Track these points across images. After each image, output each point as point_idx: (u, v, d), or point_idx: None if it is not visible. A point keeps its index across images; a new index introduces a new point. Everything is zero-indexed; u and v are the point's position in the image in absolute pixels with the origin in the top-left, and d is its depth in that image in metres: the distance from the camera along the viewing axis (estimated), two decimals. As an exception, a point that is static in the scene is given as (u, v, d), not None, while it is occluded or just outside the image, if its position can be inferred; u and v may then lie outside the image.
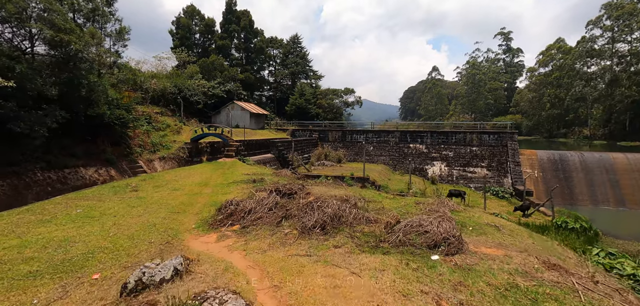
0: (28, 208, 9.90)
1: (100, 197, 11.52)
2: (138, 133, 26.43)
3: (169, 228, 7.93)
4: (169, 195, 11.93)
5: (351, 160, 46.18)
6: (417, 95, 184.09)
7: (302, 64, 60.10)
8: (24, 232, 7.56)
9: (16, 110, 14.32)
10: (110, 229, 7.88)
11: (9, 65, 13.39)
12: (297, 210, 7.38)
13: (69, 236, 7.30)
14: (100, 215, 9.15)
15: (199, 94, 40.71)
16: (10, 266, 5.70)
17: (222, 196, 11.85)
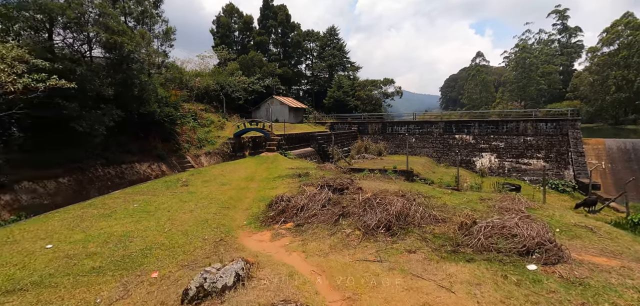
0: (90, 203, 10.34)
1: (154, 191, 11.80)
2: (185, 130, 27.47)
3: (221, 225, 7.72)
4: (217, 190, 11.92)
5: (392, 153, 44.61)
6: (460, 84, 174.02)
7: (340, 55, 59.08)
8: (88, 226, 7.76)
9: (78, 110, 15.24)
10: (165, 224, 7.84)
11: (71, 68, 14.26)
12: (355, 207, 6.78)
13: (127, 231, 7.34)
14: (155, 209, 9.25)
15: (239, 90, 41.57)
16: (75, 261, 5.73)
17: (269, 191, 11.60)
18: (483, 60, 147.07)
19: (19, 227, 7.86)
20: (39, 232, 7.41)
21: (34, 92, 12.38)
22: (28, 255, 6.11)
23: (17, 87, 11.13)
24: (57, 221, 8.32)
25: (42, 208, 14.40)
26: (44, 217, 8.84)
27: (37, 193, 14.80)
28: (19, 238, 7.05)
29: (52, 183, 15.69)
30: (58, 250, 6.32)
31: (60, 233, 7.31)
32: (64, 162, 16.75)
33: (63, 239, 6.92)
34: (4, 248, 6.45)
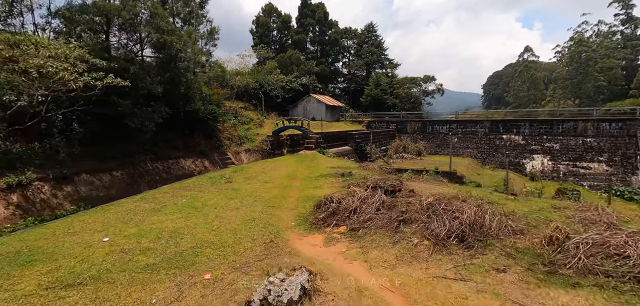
0: (142, 197, 10.60)
1: (200, 187, 11.90)
2: (226, 127, 28.12)
3: (268, 224, 7.41)
4: (260, 187, 11.75)
5: (432, 153, 42.64)
6: (504, 81, 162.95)
7: (378, 53, 57.71)
8: (141, 221, 7.83)
9: (131, 107, 15.96)
10: (213, 222, 7.70)
11: (125, 67, 14.97)
12: (417, 213, 6.10)
13: (177, 227, 7.28)
14: (202, 205, 9.21)
15: (277, 88, 41.98)
16: (130, 256, 5.67)
17: (313, 190, 11.21)
18: (532, 55, 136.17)
19: (78, 219, 8.14)
20: (96, 225, 7.58)
21: (92, 89, 13.07)
22: (87, 247, 6.19)
23: (79, 85, 11.79)
24: (113, 214, 8.53)
25: (98, 199, 15.26)
26: (101, 209, 9.14)
27: (94, 185, 15.71)
28: (79, 230, 7.24)
29: (107, 176, 16.61)
30: (114, 243, 6.35)
31: (115, 227, 7.42)
32: (118, 156, 17.70)
33: (118, 233, 6.99)
34: (66, 239, 6.62)
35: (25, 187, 12.96)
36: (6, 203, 12.11)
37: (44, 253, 5.90)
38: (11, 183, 12.47)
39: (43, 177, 13.85)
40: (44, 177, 13.90)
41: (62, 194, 14.15)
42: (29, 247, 6.18)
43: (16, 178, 12.68)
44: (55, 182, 14.15)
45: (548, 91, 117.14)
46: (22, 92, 12.61)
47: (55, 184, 14.12)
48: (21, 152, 13.71)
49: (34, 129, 14.49)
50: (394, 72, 58.06)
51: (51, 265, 5.40)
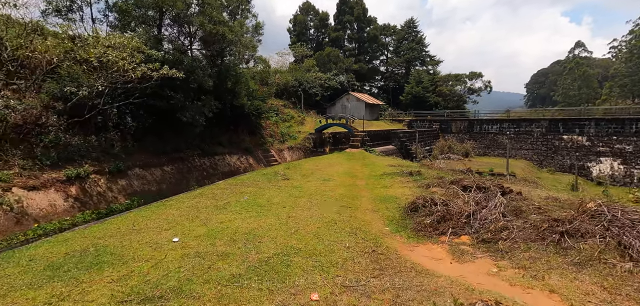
0: (200, 193, 9.87)
1: (257, 183, 11.02)
2: (268, 124, 27.56)
3: (356, 229, 6.22)
4: (322, 185, 10.64)
5: (480, 154, 39.63)
6: (551, 79, 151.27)
7: (418, 49, 55.09)
8: (207, 219, 6.97)
9: (183, 101, 15.58)
10: (288, 223, 6.65)
11: (178, 59, 14.57)
12: (582, 223, 4.58)
13: (251, 228, 6.30)
14: (268, 203, 8.24)
15: (316, 86, 41.11)
16: (209, 263, 4.71)
17: (383, 189, 9.91)
18: (584, 50, 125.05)
19: (141, 214, 7.45)
20: (160, 222, 6.81)
21: (148, 81, 12.70)
22: (157, 248, 5.34)
23: (137, 74, 11.40)
24: (174, 210, 7.77)
25: (150, 194, 15.00)
26: (161, 205, 8.45)
27: (146, 180, 15.50)
28: (142, 227, 6.48)
29: (158, 171, 16.38)
30: (185, 245, 5.45)
31: (181, 225, 6.59)
32: (168, 152, 17.49)
33: (187, 232, 6.12)
34: (132, 238, 5.84)
35: (83, 180, 12.85)
36: (65, 196, 11.99)
37: (112, 253, 5.11)
38: (70, 175, 12.37)
39: (99, 170, 13.74)
40: (100, 170, 13.78)
41: (116, 188, 13.97)
42: (95, 246, 5.44)
43: (75, 171, 12.58)
44: (110, 176, 14.01)
45: (603, 89, 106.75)
46: (81, 84, 12.50)
47: (110, 177, 13.98)
48: (79, 145, 13.69)
49: (90, 122, 14.48)
50: (435, 69, 55.16)
51: (122, 269, 4.55)
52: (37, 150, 12.33)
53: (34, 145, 12.40)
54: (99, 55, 10.60)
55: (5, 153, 11.41)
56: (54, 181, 11.95)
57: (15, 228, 10.04)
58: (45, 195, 11.43)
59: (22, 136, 12.13)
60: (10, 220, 10.08)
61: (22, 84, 13.01)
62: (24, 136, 12.20)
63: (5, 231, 9.80)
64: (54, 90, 12.65)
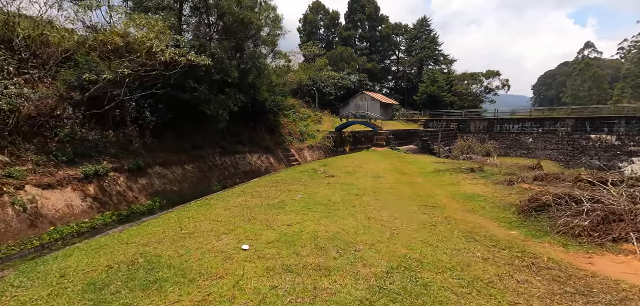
0: (242, 191, 8.57)
1: (300, 181, 9.72)
2: (287, 123, 26.29)
3: (470, 233, 4.90)
4: (376, 183, 9.31)
5: (502, 155, 38.03)
6: (559, 80, 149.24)
7: (432, 48, 53.70)
8: (269, 221, 5.65)
9: (207, 93, 14.32)
10: (373, 225, 5.35)
11: (204, 46, 13.32)
12: None
13: (332, 232, 4.99)
14: (329, 202, 6.93)
15: (330, 86, 39.88)
16: (312, 282, 3.38)
17: (453, 187, 8.62)
18: (594, 51, 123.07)
19: (183, 215, 6.17)
20: (212, 224, 5.51)
21: (174, 68, 11.46)
22: (226, 259, 4.03)
23: (165, 57, 10.15)
24: (221, 210, 6.48)
25: (173, 194, 13.72)
26: (203, 204, 7.15)
27: (167, 179, 14.23)
28: (194, 231, 5.18)
29: (179, 170, 15.11)
30: (262, 254, 4.14)
31: (241, 228, 5.28)
32: (188, 149, 16.23)
33: (253, 237, 4.81)
34: (187, 244, 4.54)
35: (101, 178, 11.60)
36: (83, 195, 10.72)
37: (170, 267, 3.80)
38: (88, 173, 11.11)
39: (118, 167, 12.48)
40: (120, 168, 12.53)
41: (137, 187, 12.71)
42: (144, 256, 4.13)
43: (93, 168, 11.33)
44: (130, 174, 12.75)
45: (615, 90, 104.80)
46: (100, 72, 11.26)
47: (130, 176, 12.72)
48: (97, 140, 12.44)
49: (108, 116, 13.25)
50: (450, 68, 53.74)
51: (192, 291, 3.24)
52: (52, 145, 11.09)
53: (49, 140, 11.16)
54: (124, 34, 9.35)
55: (17, 147, 10.17)
56: (71, 179, 10.69)
57: (30, 232, 8.77)
58: (61, 194, 10.17)
59: (36, 129, 10.89)
60: (24, 223, 8.82)
61: (36, 73, 11.82)
62: (38, 129, 10.97)
63: (19, 235, 8.54)
64: (71, 78, 11.43)
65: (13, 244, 8.27)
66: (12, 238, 8.38)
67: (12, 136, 10.16)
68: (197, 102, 14.17)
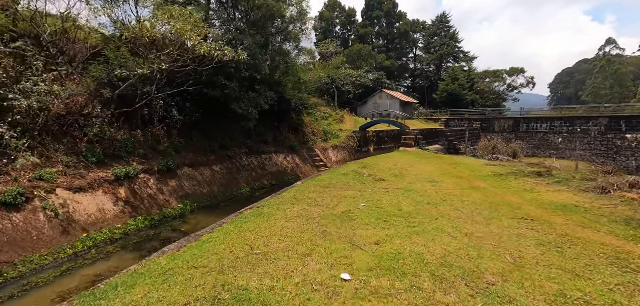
0: (294, 196, 7.72)
1: (349, 186, 8.86)
2: (309, 122, 25.43)
3: (615, 258, 3.91)
4: (437, 189, 8.36)
5: (529, 155, 36.53)
6: (577, 78, 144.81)
7: (451, 45, 52.13)
8: (349, 237, 4.80)
9: (237, 91, 13.56)
10: (479, 245, 4.43)
11: (237, 38, 12.54)
12: None
13: (439, 254, 4.10)
14: (403, 213, 6.04)
15: (348, 84, 38.91)
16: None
17: (530, 194, 7.63)
18: (615, 48, 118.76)
19: (243, 229, 5.36)
20: (285, 242, 4.67)
21: (208, 63, 10.70)
22: (331, 294, 3.19)
23: (203, 51, 9.40)
24: (283, 221, 5.65)
25: (203, 197, 13.03)
26: (257, 214, 6.32)
27: (196, 181, 13.53)
28: (266, 250, 4.35)
29: (207, 171, 14.41)
30: (372, 289, 3.30)
31: (319, 246, 4.43)
32: (216, 149, 15.53)
33: (341, 259, 3.96)
34: (273, 271, 3.70)
35: (132, 180, 10.93)
36: (115, 199, 10.06)
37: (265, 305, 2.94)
38: (119, 175, 10.45)
39: (148, 169, 11.81)
40: (149, 169, 11.86)
41: (167, 189, 12.02)
42: (228, 289, 3.30)
43: (124, 170, 10.67)
44: (160, 175, 12.07)
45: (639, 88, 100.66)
46: (130, 69, 10.59)
47: (160, 178, 12.04)
48: (126, 140, 11.79)
49: (137, 115, 12.62)
50: (470, 65, 52.10)
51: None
52: (82, 145, 10.46)
53: (78, 140, 10.54)
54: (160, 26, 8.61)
55: (47, 148, 9.56)
56: (102, 181, 10.04)
57: (62, 239, 8.11)
58: (93, 198, 9.51)
59: (65, 128, 10.28)
60: (56, 229, 8.17)
61: (64, 70, 11.23)
62: (67, 129, 10.36)
63: (51, 242, 7.88)
64: (101, 75, 10.79)
65: (46, 253, 7.62)
66: (45, 247, 7.73)
67: (42, 136, 9.55)
68: (227, 100, 13.42)
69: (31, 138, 9.09)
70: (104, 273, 7.16)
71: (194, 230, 10.15)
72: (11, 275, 6.75)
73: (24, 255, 7.32)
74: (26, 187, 8.18)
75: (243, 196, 14.64)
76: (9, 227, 7.46)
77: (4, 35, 10.44)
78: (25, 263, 7.18)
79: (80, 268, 7.45)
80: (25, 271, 7.01)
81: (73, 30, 12.41)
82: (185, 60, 10.57)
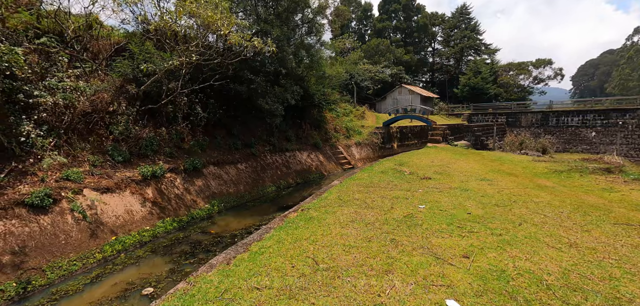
0: (338, 197, 7.00)
1: (393, 185, 8.06)
2: (331, 118, 24.68)
3: None
4: (496, 188, 7.49)
5: (560, 150, 34.76)
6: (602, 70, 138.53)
7: (472, 37, 50.24)
8: (427, 247, 4.03)
9: (263, 85, 12.92)
10: (599, 261, 3.53)
11: (265, 29, 11.87)
12: None
13: (559, 273, 3.32)
14: (475, 217, 5.22)
15: (367, 79, 37.92)
16: None
17: (608, 193, 6.60)
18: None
19: (294, 236, 4.67)
20: (351, 254, 3.95)
21: (236, 55, 10.07)
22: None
23: (234, 41, 8.76)
24: (339, 227, 4.92)
25: (229, 197, 12.48)
26: (306, 217, 5.62)
27: (222, 180, 13.00)
28: (333, 264, 3.63)
29: (232, 170, 13.86)
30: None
31: (396, 259, 3.70)
32: (240, 147, 14.99)
33: (432, 278, 3.22)
34: (359, 297, 2.95)
35: (159, 179, 10.46)
36: (142, 199, 9.58)
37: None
38: (146, 174, 9.98)
39: (174, 168, 11.33)
40: (175, 168, 11.37)
41: (194, 189, 11.51)
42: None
43: (150, 169, 10.19)
44: (186, 175, 11.58)
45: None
46: (158, 63, 10.09)
47: (186, 177, 11.54)
48: (151, 138, 11.32)
49: (161, 112, 12.16)
50: (493, 58, 50.08)
51: None
52: (107, 144, 10.03)
53: (104, 138, 10.12)
54: (192, 12, 8.00)
55: (73, 146, 9.16)
56: (129, 181, 9.58)
57: (91, 243, 7.65)
58: (120, 198, 9.05)
59: (91, 126, 9.87)
60: (84, 232, 7.71)
61: (88, 66, 10.84)
62: (93, 126, 9.95)
63: (79, 246, 7.42)
64: (126, 70, 10.33)
65: (74, 257, 7.15)
66: (73, 251, 7.27)
67: (68, 134, 9.15)
68: (252, 95, 12.80)
69: (57, 136, 8.68)
70: (135, 280, 6.64)
71: (223, 232, 9.60)
72: (40, 282, 6.30)
73: (52, 260, 6.87)
74: (53, 187, 7.75)
75: (269, 195, 14.05)
76: (36, 231, 7.03)
77: (28, 32, 10.14)
78: (53, 269, 6.72)
79: (110, 274, 6.95)
80: (53, 279, 6.55)
81: (96, 27, 12.04)
82: (211, 53, 9.98)
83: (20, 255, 6.57)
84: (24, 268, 6.44)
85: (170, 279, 6.64)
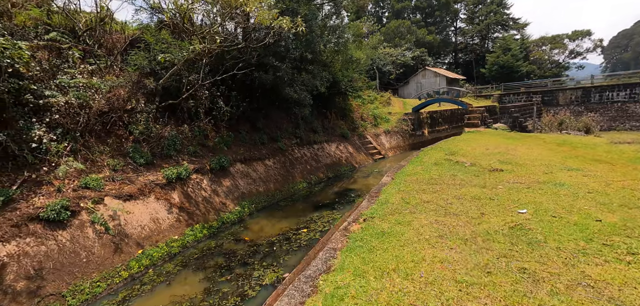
0: (403, 199, 5.76)
1: (460, 179, 6.73)
2: (356, 106, 23.26)
3: None
4: (601, 184, 5.99)
5: (605, 129, 31.91)
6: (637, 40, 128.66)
7: (499, 12, 46.92)
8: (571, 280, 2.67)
9: (290, 72, 11.67)
10: None
11: (291, 6, 10.59)
12: None
13: None
14: (612, 227, 3.79)
15: (389, 64, 36.01)
16: None
17: None
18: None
19: (373, 262, 3.43)
20: (477, 296, 2.63)
21: (260, 41, 8.84)
22: None
23: (260, 18, 7.55)
24: (424, 247, 3.68)
25: (259, 197, 11.42)
26: (374, 233, 4.37)
27: (250, 178, 11.95)
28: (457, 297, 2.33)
29: (260, 167, 12.80)
30: None
31: (529, 298, 2.33)
32: (266, 142, 13.91)
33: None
34: None
35: (184, 182, 9.49)
36: (168, 205, 8.63)
37: None
38: (170, 176, 9.02)
39: (200, 168, 10.34)
40: (201, 168, 10.38)
41: (221, 190, 10.51)
42: None
43: (175, 171, 9.23)
44: (212, 175, 10.58)
45: None
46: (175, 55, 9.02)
47: (213, 177, 10.55)
48: (173, 137, 10.35)
49: (182, 108, 11.17)
50: (522, 33, 46.72)
51: None
52: (128, 145, 9.12)
53: (123, 139, 9.21)
54: None
55: (90, 150, 8.27)
56: (153, 185, 8.64)
57: (115, 259, 6.73)
58: (144, 206, 8.12)
59: (109, 127, 8.97)
60: (107, 247, 6.80)
61: (102, 62, 9.92)
62: (111, 127, 9.05)
63: (103, 264, 6.51)
64: (143, 62, 9.34)
65: (97, 278, 6.23)
66: (96, 270, 6.35)
67: (84, 137, 8.25)
68: (278, 84, 11.59)
69: (73, 140, 7.78)
70: (168, 304, 5.68)
71: (258, 238, 8.53)
72: (59, 312, 5.41)
73: (73, 283, 5.97)
74: (71, 197, 6.85)
75: (301, 192, 12.96)
76: (54, 249, 6.14)
77: (38, 28, 9.30)
78: (75, 293, 5.83)
79: (138, 296, 6.00)
80: (75, 305, 5.67)
81: (108, 21, 11.15)
82: (232, 39, 8.83)
83: (36, 279, 5.69)
84: (41, 295, 5.56)
85: (206, 303, 5.63)
